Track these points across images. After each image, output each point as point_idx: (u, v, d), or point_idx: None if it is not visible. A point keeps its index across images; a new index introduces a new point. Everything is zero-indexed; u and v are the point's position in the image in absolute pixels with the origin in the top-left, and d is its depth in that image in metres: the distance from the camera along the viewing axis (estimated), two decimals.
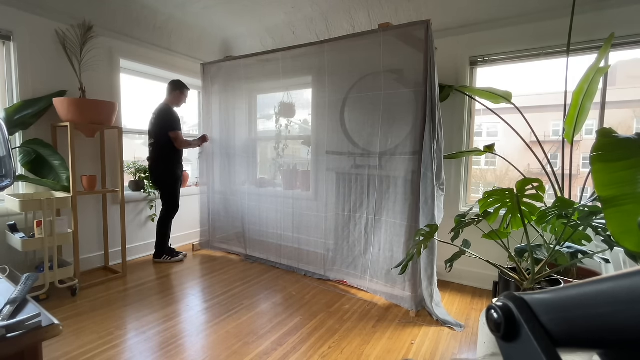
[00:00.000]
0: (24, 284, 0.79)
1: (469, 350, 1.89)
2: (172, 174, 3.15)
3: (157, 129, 3.07)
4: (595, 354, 0.31)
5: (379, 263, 2.52)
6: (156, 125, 3.08)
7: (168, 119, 3.09)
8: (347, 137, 2.67)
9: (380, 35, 2.39)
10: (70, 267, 2.43)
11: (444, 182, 2.25)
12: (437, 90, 2.18)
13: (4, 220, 2.42)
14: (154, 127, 3.09)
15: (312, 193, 2.98)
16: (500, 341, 0.35)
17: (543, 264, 1.76)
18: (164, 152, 3.10)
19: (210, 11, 3.30)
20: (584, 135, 4.54)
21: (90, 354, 1.76)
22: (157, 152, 3.09)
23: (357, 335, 2.01)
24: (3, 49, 2.44)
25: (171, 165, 3.13)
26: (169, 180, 3.15)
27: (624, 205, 1.23)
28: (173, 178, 3.16)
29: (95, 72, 2.88)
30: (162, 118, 3.09)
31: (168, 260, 3.24)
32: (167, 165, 3.12)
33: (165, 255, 3.25)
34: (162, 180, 3.14)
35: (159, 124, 3.08)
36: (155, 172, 3.13)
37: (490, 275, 2.65)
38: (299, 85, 3.05)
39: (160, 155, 3.10)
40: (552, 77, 2.48)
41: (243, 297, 2.50)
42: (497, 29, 2.57)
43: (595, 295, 0.30)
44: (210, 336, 1.96)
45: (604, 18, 2.23)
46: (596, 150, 1.32)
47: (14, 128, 2.38)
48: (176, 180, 3.19)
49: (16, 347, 0.62)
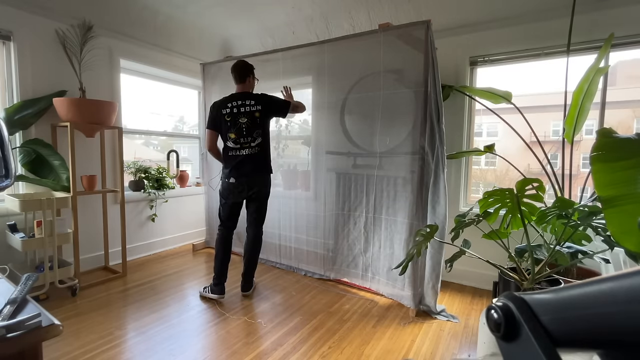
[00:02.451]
0: (24, 284, 0.79)
1: (469, 350, 1.89)
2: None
3: (269, 118, 2.43)
4: (595, 354, 0.31)
5: (379, 261, 2.53)
6: (269, 112, 2.39)
7: (277, 98, 2.46)
8: (347, 137, 2.67)
9: (380, 35, 2.39)
10: (70, 267, 2.43)
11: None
12: (440, 90, 2.18)
13: (4, 220, 2.42)
14: (265, 116, 2.37)
15: (312, 193, 2.98)
16: (500, 341, 0.35)
17: (543, 264, 1.76)
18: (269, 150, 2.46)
19: (210, 11, 3.30)
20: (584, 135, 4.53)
21: (90, 354, 1.76)
22: (267, 149, 2.43)
23: (357, 335, 2.01)
24: (3, 49, 2.44)
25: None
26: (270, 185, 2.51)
27: (624, 205, 1.23)
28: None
29: (95, 72, 2.88)
30: (272, 101, 2.41)
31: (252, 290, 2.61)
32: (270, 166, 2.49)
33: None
34: (269, 186, 2.48)
35: (274, 108, 2.41)
36: (267, 180, 2.44)
37: (490, 275, 2.65)
38: (299, 85, 3.05)
39: (268, 153, 2.45)
40: (552, 77, 2.48)
41: (243, 297, 2.49)
42: (497, 29, 2.57)
43: (595, 295, 0.30)
44: (210, 336, 1.96)
45: (604, 18, 2.23)
46: (596, 150, 1.32)
47: (14, 128, 2.39)
48: None
49: (16, 347, 0.62)
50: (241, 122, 2.32)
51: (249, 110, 2.34)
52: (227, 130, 2.35)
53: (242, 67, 2.42)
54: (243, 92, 2.41)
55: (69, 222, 2.57)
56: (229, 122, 2.34)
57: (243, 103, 2.34)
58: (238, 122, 2.33)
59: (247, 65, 2.44)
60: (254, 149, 2.35)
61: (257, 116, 2.34)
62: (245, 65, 2.44)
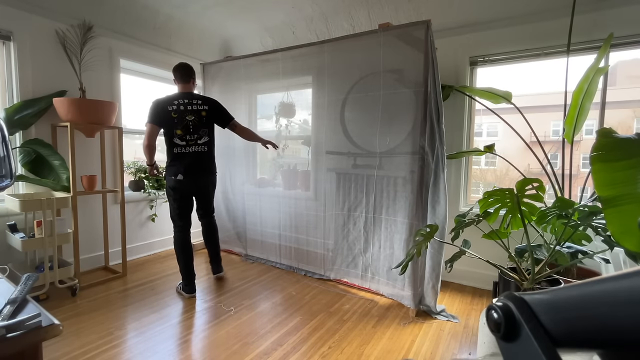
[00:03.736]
0: (24, 284, 0.79)
1: (469, 350, 1.89)
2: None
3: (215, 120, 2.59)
4: (595, 354, 0.31)
5: (379, 261, 2.53)
6: (215, 115, 2.56)
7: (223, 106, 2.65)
8: (347, 137, 2.67)
9: (380, 35, 2.39)
10: (70, 267, 2.43)
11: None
12: (440, 90, 2.18)
13: (4, 220, 2.42)
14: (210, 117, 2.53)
15: (312, 193, 2.98)
16: (500, 341, 0.35)
17: (543, 264, 1.76)
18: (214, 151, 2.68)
19: (210, 11, 3.30)
20: (584, 135, 4.53)
21: (90, 354, 1.76)
22: (213, 148, 2.61)
23: (357, 335, 2.01)
24: (3, 49, 2.44)
25: None
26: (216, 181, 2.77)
27: (624, 205, 1.23)
28: None
29: (95, 72, 2.88)
30: (218, 106, 2.59)
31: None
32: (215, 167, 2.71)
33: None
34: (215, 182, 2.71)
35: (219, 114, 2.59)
36: (213, 175, 2.64)
37: (490, 275, 2.65)
38: (298, 85, 3.05)
39: (214, 152, 2.64)
40: (552, 77, 2.48)
41: (243, 297, 2.49)
42: (497, 29, 2.57)
43: (595, 296, 0.30)
44: (210, 336, 1.96)
45: (603, 18, 2.23)
46: (596, 150, 1.32)
47: (14, 128, 2.38)
48: None
49: (16, 347, 0.62)
50: (188, 119, 2.40)
51: (196, 109, 2.44)
52: (174, 127, 2.38)
53: (187, 67, 2.50)
54: (188, 92, 2.50)
55: (69, 222, 2.57)
56: (175, 118, 2.38)
57: (190, 102, 2.43)
58: (185, 119, 2.39)
59: (191, 67, 2.53)
60: (201, 146, 2.46)
61: (204, 115, 2.46)
62: (190, 67, 2.52)
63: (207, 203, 2.69)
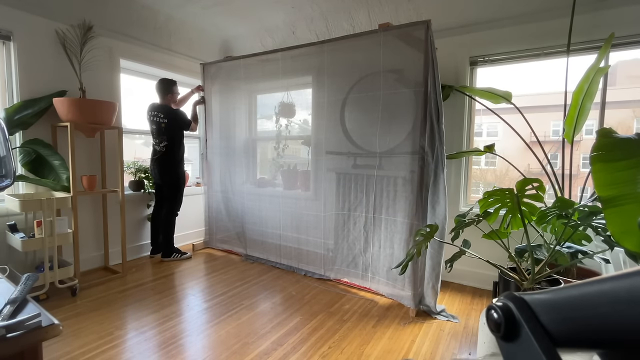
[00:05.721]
0: (24, 284, 0.79)
1: (469, 350, 1.89)
2: (183, 172, 3.33)
3: (175, 129, 3.18)
4: (595, 354, 0.31)
5: (379, 261, 2.53)
6: (173, 126, 3.17)
7: (181, 117, 3.24)
8: (347, 137, 2.67)
9: (380, 35, 2.39)
10: (70, 267, 2.43)
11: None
12: (440, 90, 2.18)
13: (4, 220, 2.42)
14: (169, 128, 3.14)
15: (312, 193, 2.98)
16: (500, 341, 0.35)
17: (543, 264, 1.76)
18: (178, 151, 3.23)
19: (209, 11, 3.30)
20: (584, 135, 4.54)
21: (90, 354, 1.76)
22: (172, 151, 3.18)
23: (357, 335, 2.01)
24: (3, 49, 2.44)
25: (182, 163, 3.32)
26: (182, 179, 3.30)
27: (624, 205, 1.23)
28: (184, 177, 3.34)
29: (95, 72, 2.88)
30: (176, 118, 3.19)
31: (178, 258, 3.31)
32: (180, 163, 3.27)
33: (174, 253, 3.31)
34: (177, 179, 3.25)
35: (177, 124, 3.19)
36: (170, 172, 3.20)
37: (490, 275, 2.65)
38: (298, 85, 3.05)
39: (174, 154, 3.20)
40: (552, 77, 2.48)
41: (243, 297, 2.50)
42: (497, 29, 2.57)
43: (595, 295, 0.30)
44: (210, 336, 1.96)
45: (604, 18, 2.23)
46: (596, 150, 1.32)
47: (14, 128, 2.38)
48: (185, 178, 3.37)
49: (16, 347, 0.62)
50: (154, 127, 3.17)
51: (158, 120, 3.14)
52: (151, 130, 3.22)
53: (161, 87, 3.16)
54: (160, 105, 3.17)
55: (69, 222, 2.57)
56: (149, 124, 3.19)
57: (157, 114, 3.14)
58: (153, 127, 3.17)
59: (166, 86, 3.15)
60: (162, 148, 3.16)
61: (163, 127, 3.14)
62: (164, 86, 3.15)
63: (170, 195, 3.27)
